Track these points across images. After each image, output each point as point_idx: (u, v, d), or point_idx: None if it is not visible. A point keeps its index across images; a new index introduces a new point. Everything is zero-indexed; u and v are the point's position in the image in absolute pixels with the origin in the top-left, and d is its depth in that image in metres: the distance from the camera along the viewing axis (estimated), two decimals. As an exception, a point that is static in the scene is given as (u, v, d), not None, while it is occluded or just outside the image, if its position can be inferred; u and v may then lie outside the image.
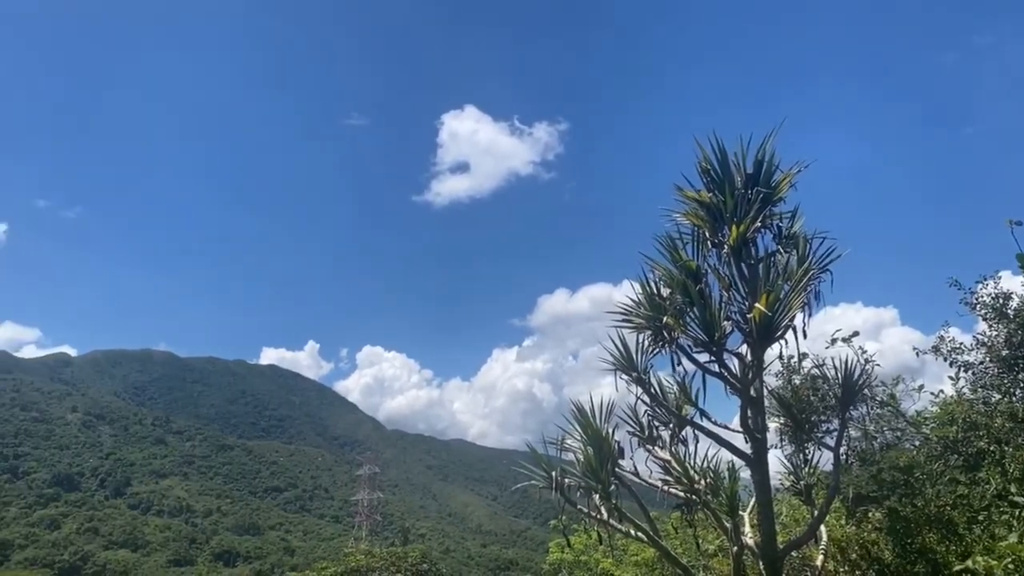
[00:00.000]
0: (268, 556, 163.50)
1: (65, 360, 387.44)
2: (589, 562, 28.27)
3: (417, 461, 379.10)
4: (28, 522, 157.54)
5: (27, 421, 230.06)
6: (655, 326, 7.80)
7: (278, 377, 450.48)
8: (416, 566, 38.62)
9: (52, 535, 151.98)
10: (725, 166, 7.81)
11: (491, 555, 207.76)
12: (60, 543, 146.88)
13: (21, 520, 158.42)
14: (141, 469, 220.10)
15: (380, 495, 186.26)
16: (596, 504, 8.05)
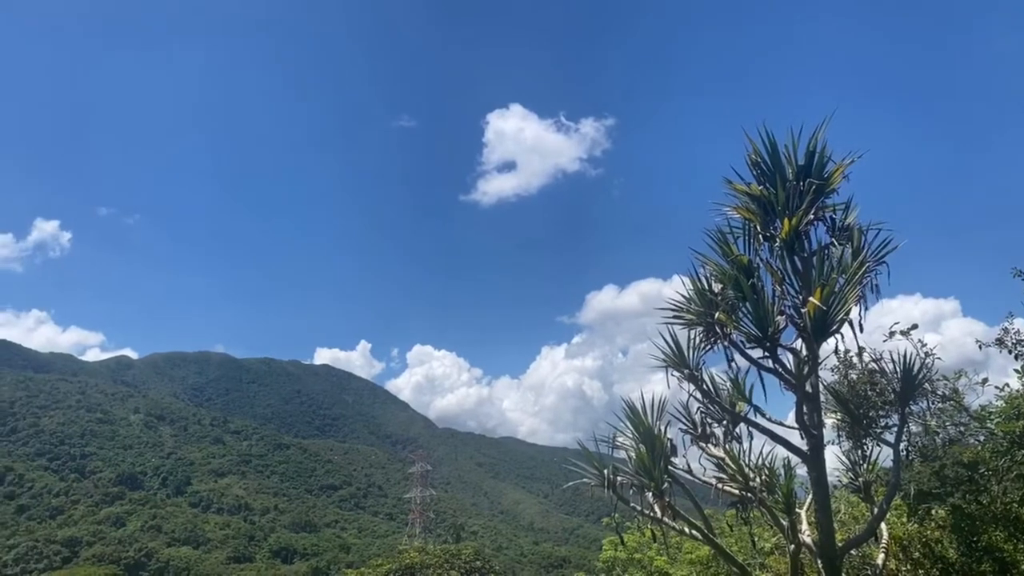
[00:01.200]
0: (324, 553, 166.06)
1: (127, 363, 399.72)
2: (643, 560, 28.10)
3: (468, 459, 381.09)
4: (95, 519, 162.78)
5: (92, 422, 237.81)
6: (707, 322, 7.72)
7: (331, 377, 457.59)
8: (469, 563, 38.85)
9: (118, 532, 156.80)
10: (776, 158, 7.68)
11: (544, 552, 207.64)
12: (125, 540, 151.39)
13: (88, 518, 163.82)
14: (200, 468, 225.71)
15: (432, 492, 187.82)
16: (649, 502, 8.00)
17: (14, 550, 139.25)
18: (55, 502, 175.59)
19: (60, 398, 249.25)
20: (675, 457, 8.17)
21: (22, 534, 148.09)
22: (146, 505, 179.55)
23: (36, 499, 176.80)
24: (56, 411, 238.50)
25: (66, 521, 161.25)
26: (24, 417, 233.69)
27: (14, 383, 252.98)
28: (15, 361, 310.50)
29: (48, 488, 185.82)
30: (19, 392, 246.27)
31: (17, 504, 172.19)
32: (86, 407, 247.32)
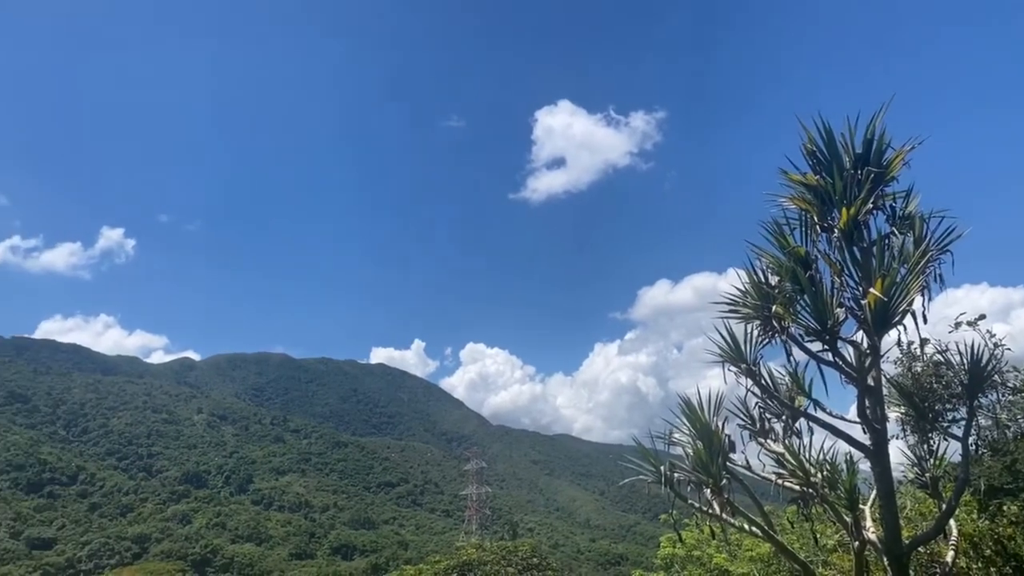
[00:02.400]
0: (383, 550, 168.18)
1: (190, 364, 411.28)
2: (702, 557, 27.81)
3: (523, 456, 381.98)
4: (163, 517, 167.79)
5: (158, 422, 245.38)
6: (764, 315, 7.59)
7: (387, 375, 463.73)
8: (526, 560, 38.95)
9: (184, 529, 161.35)
10: (832, 147, 7.50)
11: (601, 549, 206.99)
12: (192, 537, 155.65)
13: (156, 515, 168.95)
14: (262, 466, 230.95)
15: (488, 489, 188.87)
16: (707, 498, 7.90)
17: (87, 546, 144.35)
18: (125, 500, 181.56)
19: (127, 399, 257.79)
20: (733, 453, 8.05)
21: (95, 531, 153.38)
22: (210, 503, 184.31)
23: (107, 497, 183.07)
24: (124, 412, 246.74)
25: (135, 519, 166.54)
26: (94, 418, 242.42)
27: (84, 385, 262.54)
28: (85, 364, 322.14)
29: (118, 487, 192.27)
30: (89, 394, 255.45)
31: (90, 502, 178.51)
32: (152, 408, 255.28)
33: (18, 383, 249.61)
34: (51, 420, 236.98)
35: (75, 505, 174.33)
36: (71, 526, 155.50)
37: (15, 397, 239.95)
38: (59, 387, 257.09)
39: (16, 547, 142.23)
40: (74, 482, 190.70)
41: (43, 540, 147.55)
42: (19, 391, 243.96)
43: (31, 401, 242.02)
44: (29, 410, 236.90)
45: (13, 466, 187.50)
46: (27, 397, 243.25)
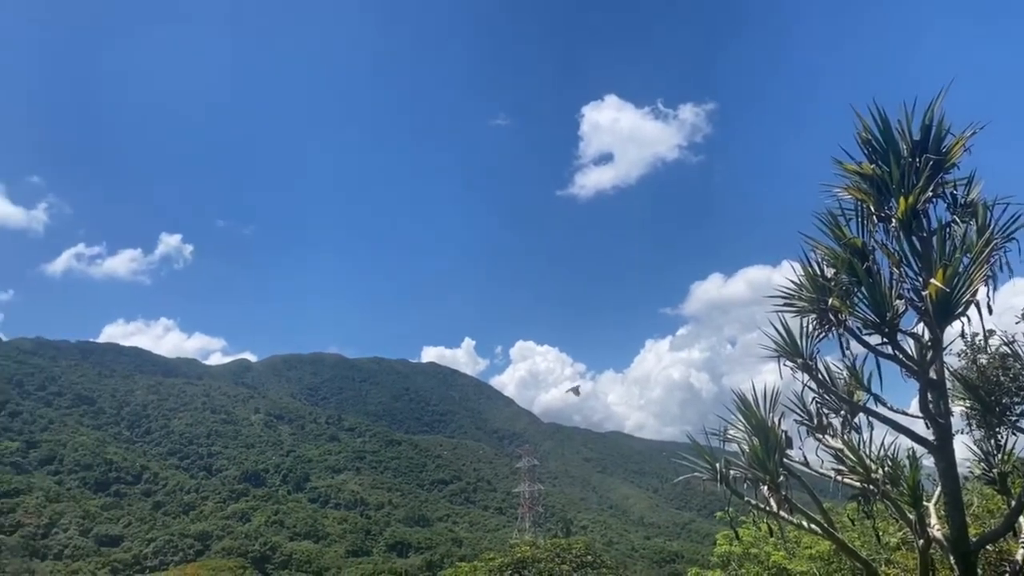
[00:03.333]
0: (437, 547, 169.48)
1: (247, 365, 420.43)
2: (760, 555, 27.39)
3: (575, 454, 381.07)
4: (223, 515, 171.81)
5: (217, 422, 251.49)
6: (820, 309, 7.43)
7: (438, 374, 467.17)
8: (580, 557, 38.88)
9: (244, 527, 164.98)
10: (888, 134, 7.30)
11: (655, 547, 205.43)
12: (251, 534, 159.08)
13: (217, 513, 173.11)
14: (318, 465, 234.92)
15: (540, 487, 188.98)
16: (764, 495, 7.78)
17: (152, 543, 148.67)
18: (187, 499, 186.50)
19: (187, 400, 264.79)
20: (790, 449, 7.91)
21: (159, 529, 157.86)
22: (269, 501, 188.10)
23: (170, 496, 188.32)
24: (184, 413, 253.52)
25: (197, 516, 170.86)
26: (156, 419, 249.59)
27: (146, 387, 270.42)
28: (146, 367, 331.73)
29: (180, 485, 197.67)
30: (151, 396, 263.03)
31: (153, 501, 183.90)
32: (211, 408, 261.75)
33: (84, 386, 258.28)
34: (116, 421, 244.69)
35: (140, 503, 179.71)
36: (136, 524, 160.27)
37: (82, 399, 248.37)
38: (122, 389, 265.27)
39: (86, 544, 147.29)
40: (139, 481, 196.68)
41: (111, 537, 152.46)
42: (85, 393, 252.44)
43: (96, 403, 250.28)
44: (95, 412, 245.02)
45: (81, 466, 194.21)
46: (93, 399, 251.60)
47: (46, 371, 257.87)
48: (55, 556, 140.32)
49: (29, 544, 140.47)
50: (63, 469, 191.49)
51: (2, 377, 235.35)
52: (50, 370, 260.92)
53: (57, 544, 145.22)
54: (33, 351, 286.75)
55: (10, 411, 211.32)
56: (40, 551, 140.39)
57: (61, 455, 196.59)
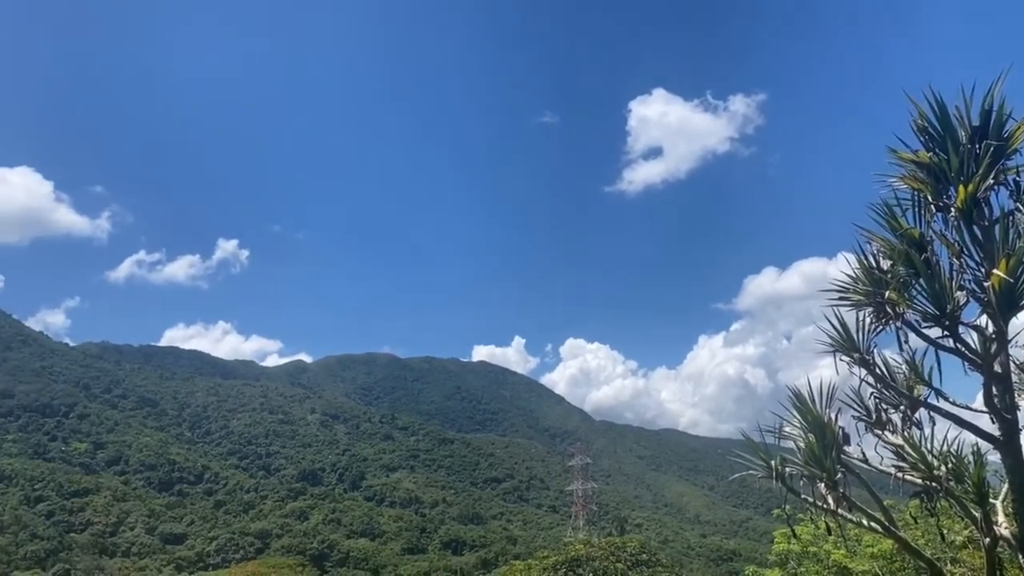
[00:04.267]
0: (492, 545, 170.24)
1: (302, 366, 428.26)
2: (819, 553, 26.87)
3: (628, 451, 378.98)
4: (282, 513, 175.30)
5: (274, 423, 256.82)
6: (876, 302, 7.24)
7: (488, 373, 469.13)
8: (635, 556, 38.65)
9: (302, 525, 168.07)
10: (946, 121, 7.07)
11: (712, 545, 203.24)
12: (309, 532, 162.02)
13: (276, 512, 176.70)
14: (373, 463, 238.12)
15: (594, 485, 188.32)
16: (821, 493, 7.62)
17: (215, 541, 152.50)
18: (247, 498, 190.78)
19: (245, 401, 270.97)
20: (848, 446, 7.73)
21: (220, 527, 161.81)
22: (326, 500, 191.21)
23: (231, 495, 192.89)
24: (243, 414, 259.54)
25: (257, 515, 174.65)
26: (216, 420, 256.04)
27: (206, 389, 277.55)
28: (206, 369, 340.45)
29: (240, 485, 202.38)
30: (211, 397, 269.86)
31: (215, 500, 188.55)
32: (268, 409, 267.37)
33: (147, 388, 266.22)
34: (178, 422, 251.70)
35: (202, 502, 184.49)
36: (199, 522, 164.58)
37: (145, 402, 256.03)
38: (184, 391, 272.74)
39: (151, 542, 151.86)
40: (200, 480, 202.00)
41: (175, 535, 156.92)
42: (148, 396, 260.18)
43: (159, 405, 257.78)
44: (158, 413, 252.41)
45: (146, 466, 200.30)
46: (155, 401, 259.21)
47: (111, 374, 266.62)
48: (123, 554, 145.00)
49: (99, 542, 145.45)
50: (129, 469, 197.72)
51: (70, 380, 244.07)
52: (115, 373, 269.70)
53: (125, 542, 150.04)
54: (99, 355, 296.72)
55: (78, 413, 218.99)
56: (109, 549, 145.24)
57: (127, 456, 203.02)
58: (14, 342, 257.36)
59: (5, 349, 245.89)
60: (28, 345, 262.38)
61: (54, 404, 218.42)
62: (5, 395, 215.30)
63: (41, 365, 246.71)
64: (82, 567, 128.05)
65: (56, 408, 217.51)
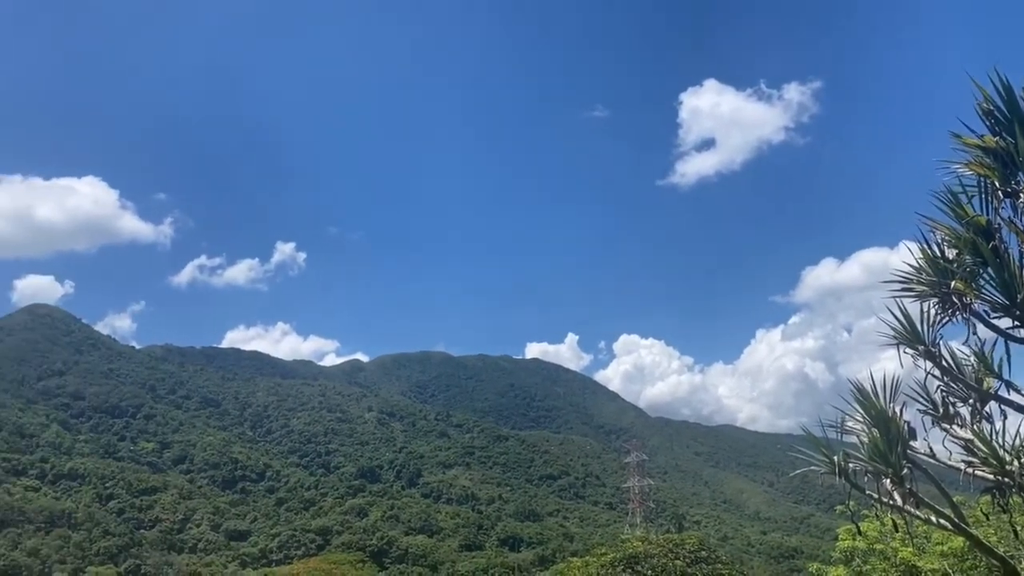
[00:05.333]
0: (549, 542, 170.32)
1: (359, 365, 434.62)
2: (886, 550, 26.20)
3: (685, 448, 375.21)
4: (342, 510, 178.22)
5: (333, 421, 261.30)
6: (942, 292, 7.02)
7: (542, 370, 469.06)
8: (694, 553, 38.25)
9: (362, 522, 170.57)
10: (1013, 104, 6.82)
11: (773, 542, 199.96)
12: (369, 529, 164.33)
13: (336, 509, 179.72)
14: (429, 461, 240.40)
15: (650, 482, 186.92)
16: (887, 489, 7.43)
17: (277, 538, 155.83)
18: (307, 495, 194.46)
19: (304, 400, 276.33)
20: (914, 441, 7.52)
21: (282, 524, 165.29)
22: (384, 496, 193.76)
23: (292, 492, 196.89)
24: (302, 412, 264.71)
25: (317, 512, 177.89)
26: (276, 419, 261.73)
27: (267, 389, 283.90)
28: (266, 369, 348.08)
29: (301, 482, 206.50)
30: (271, 397, 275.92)
31: (276, 497, 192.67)
32: (327, 408, 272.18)
33: (209, 389, 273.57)
34: (239, 422, 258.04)
35: (264, 500, 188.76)
36: (262, 519, 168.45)
37: (208, 402, 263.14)
38: (244, 391, 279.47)
39: (216, 538, 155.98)
40: (262, 478, 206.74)
41: (239, 532, 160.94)
42: (211, 396, 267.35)
43: (222, 405, 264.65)
44: (220, 413, 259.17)
45: (210, 464, 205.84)
46: (218, 401, 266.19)
47: (175, 376, 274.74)
48: (190, 550, 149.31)
49: (166, 538, 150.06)
50: (194, 468, 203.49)
51: (137, 382, 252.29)
52: (179, 375, 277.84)
53: (191, 538, 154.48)
54: (163, 357, 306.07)
55: (145, 414, 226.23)
56: (176, 545, 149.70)
57: (191, 455, 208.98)
58: (84, 345, 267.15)
59: (76, 352, 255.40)
60: (97, 348, 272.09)
61: (122, 405, 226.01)
62: (77, 397, 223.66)
63: (109, 368, 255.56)
64: (151, 563, 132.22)
65: (124, 409, 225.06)
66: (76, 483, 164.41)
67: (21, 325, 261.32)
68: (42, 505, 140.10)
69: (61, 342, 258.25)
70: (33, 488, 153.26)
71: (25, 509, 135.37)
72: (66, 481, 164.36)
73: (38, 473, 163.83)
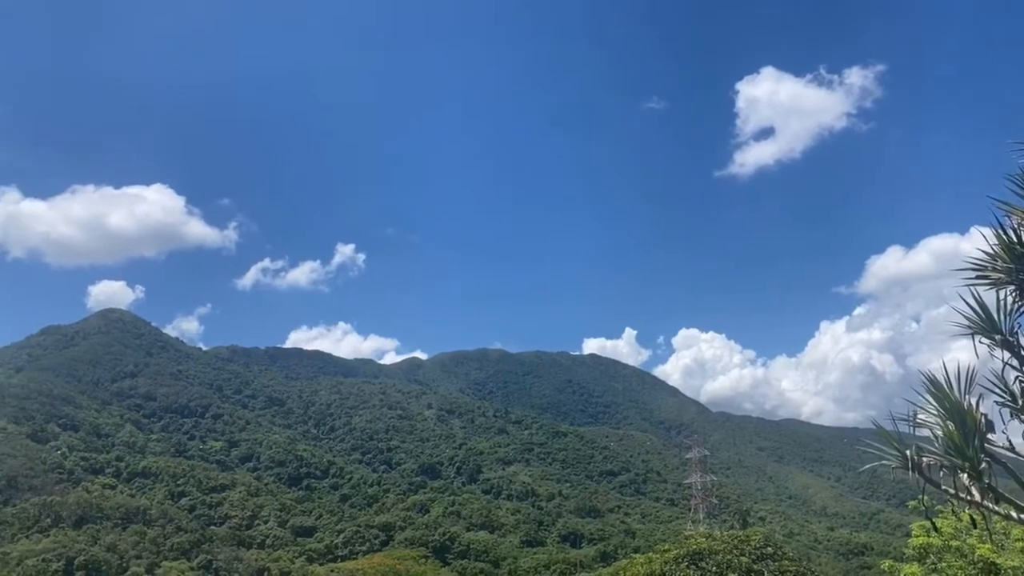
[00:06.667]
0: (610, 538, 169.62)
1: (417, 363, 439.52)
2: (962, 547, 25.32)
3: (747, 443, 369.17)
4: (404, 507, 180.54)
5: (393, 418, 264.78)
6: (1019, 279, 6.75)
7: (599, 365, 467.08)
8: (760, 549, 37.61)
9: (424, 518, 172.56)
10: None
11: (841, 539, 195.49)
12: (431, 525, 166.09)
13: (398, 505, 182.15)
14: (489, 457, 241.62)
15: (713, 478, 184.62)
16: (964, 484, 7.17)
17: (342, 534, 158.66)
18: (370, 491, 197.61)
19: (365, 398, 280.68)
20: (992, 433, 7.24)
21: (347, 520, 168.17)
22: (445, 493, 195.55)
23: (355, 489, 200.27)
24: (364, 410, 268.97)
25: (380, 508, 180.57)
26: (339, 417, 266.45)
27: (329, 388, 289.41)
28: (328, 369, 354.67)
29: (364, 479, 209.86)
30: (333, 395, 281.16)
31: (340, 494, 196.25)
32: (387, 405, 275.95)
33: (274, 388, 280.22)
34: (303, 420, 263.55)
35: (329, 496, 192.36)
36: (327, 516, 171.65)
37: (273, 401, 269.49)
38: (308, 390, 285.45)
39: (284, 535, 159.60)
40: (326, 475, 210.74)
41: (305, 528, 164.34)
42: (276, 395, 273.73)
43: (286, 404, 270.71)
44: (285, 412, 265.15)
45: (276, 462, 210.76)
46: (282, 400, 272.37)
47: (241, 376, 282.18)
48: (258, 545, 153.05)
49: (236, 534, 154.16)
50: (260, 466, 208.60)
51: (204, 383, 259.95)
52: (244, 375, 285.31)
53: (259, 534, 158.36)
54: (229, 358, 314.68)
55: (213, 414, 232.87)
56: (245, 541, 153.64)
57: (258, 453, 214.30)
58: (154, 348, 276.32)
59: (147, 355, 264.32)
60: (167, 351, 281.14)
61: (191, 405, 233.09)
62: (148, 398, 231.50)
63: (178, 369, 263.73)
64: (222, 558, 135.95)
65: (193, 409, 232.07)
66: (149, 481, 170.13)
67: (95, 329, 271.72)
68: (119, 502, 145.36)
69: (133, 345, 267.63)
70: (110, 486, 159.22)
71: (103, 506, 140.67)
72: (140, 479, 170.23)
73: (114, 471, 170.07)
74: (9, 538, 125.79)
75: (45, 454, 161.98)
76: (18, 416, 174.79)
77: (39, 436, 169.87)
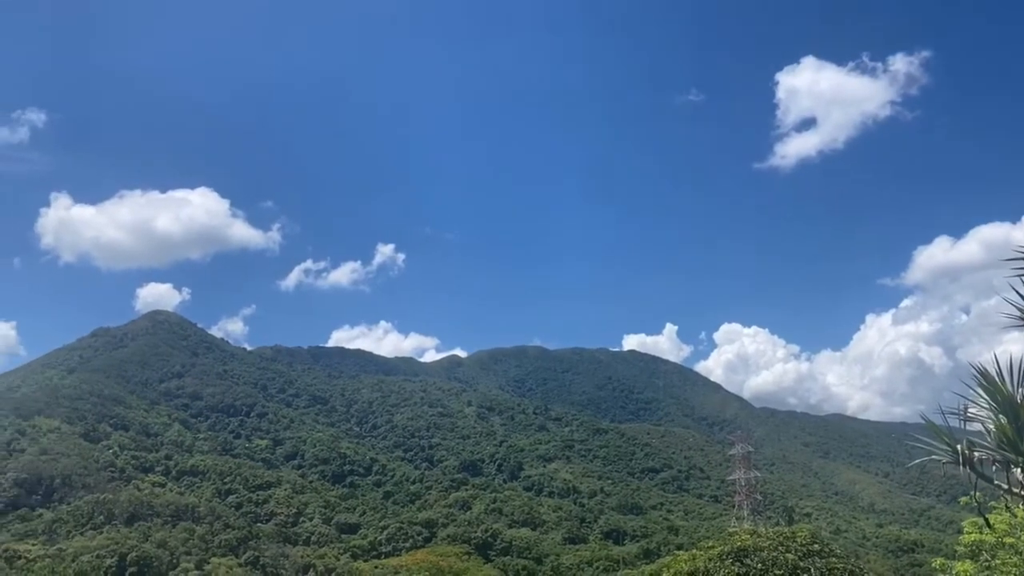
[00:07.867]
0: (653, 535, 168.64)
1: (457, 361, 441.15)
2: (1017, 544, 24.66)
3: (792, 439, 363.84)
4: (446, 503, 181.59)
5: (434, 416, 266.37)
6: (1074, 267, 6.55)
7: (639, 361, 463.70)
8: (806, 546, 37.00)
9: (466, 515, 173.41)
10: None
11: (889, 536, 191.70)
12: (473, 522, 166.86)
13: (440, 502, 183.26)
14: (529, 454, 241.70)
15: (757, 474, 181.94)
16: (1018, 479, 6.99)
17: (385, 531, 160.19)
18: (412, 488, 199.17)
19: (407, 396, 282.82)
20: (1047, 427, 7.05)
21: (390, 517, 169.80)
22: (486, 490, 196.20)
23: (398, 486, 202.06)
24: (405, 408, 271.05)
25: (423, 505, 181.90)
26: (381, 414, 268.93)
27: (371, 386, 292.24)
28: (369, 367, 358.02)
29: (406, 476, 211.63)
30: (375, 393, 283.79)
31: (383, 491, 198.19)
32: (428, 403, 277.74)
33: (317, 387, 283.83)
34: (346, 418, 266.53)
35: (372, 493, 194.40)
36: (370, 513, 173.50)
37: (316, 399, 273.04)
38: (350, 389, 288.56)
39: (328, 531, 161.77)
40: (369, 473, 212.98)
41: (349, 525, 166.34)
42: (319, 394, 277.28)
43: (329, 402, 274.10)
44: (328, 410, 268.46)
45: (320, 460, 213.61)
46: (325, 399, 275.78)
47: (285, 375, 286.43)
48: (304, 542, 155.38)
49: (282, 531, 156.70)
50: (305, 463, 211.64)
51: (249, 382, 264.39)
52: (288, 374, 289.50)
53: (305, 531, 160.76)
54: (273, 358, 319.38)
55: (258, 412, 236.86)
56: (291, 537, 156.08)
57: (302, 451, 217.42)
58: (200, 349, 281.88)
59: (193, 355, 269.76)
60: (212, 351, 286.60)
61: (236, 404, 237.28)
62: (195, 397, 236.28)
63: (224, 369, 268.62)
64: (269, 555, 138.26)
65: (239, 408, 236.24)
66: (197, 479, 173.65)
67: (143, 331, 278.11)
68: (168, 500, 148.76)
69: (179, 346, 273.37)
70: (159, 484, 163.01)
71: (153, 503, 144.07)
72: (188, 477, 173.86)
73: (163, 470, 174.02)
74: (65, 535, 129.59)
75: (97, 453, 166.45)
76: (71, 416, 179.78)
77: (91, 436, 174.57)
